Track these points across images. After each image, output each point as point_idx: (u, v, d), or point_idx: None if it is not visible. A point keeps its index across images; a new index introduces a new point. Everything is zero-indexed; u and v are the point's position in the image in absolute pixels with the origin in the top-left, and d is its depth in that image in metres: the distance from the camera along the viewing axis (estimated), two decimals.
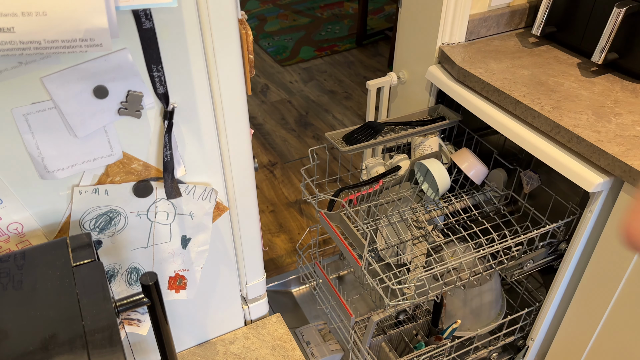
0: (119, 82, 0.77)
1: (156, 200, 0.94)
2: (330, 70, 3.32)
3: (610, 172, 1.03)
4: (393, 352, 1.48)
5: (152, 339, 0.84)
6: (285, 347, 1.24)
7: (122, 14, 0.72)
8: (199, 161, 0.95)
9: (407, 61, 1.66)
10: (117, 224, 0.94)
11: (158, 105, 0.84)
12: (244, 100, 0.93)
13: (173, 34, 0.79)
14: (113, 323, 0.63)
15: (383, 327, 1.58)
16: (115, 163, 0.87)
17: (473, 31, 1.49)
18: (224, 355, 1.23)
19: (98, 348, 0.61)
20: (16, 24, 0.60)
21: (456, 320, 1.46)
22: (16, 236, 0.87)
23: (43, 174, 0.82)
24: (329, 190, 1.49)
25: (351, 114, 2.92)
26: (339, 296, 1.40)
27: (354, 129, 1.41)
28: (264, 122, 2.88)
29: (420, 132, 1.44)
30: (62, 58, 0.72)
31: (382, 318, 1.26)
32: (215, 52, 0.84)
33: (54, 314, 0.65)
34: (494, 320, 1.51)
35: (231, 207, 1.07)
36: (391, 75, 1.72)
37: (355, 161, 2.47)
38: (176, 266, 1.04)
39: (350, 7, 4.06)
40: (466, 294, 1.46)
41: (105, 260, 0.98)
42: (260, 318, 1.31)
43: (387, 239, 1.52)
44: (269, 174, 2.52)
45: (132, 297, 0.74)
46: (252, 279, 1.23)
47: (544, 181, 1.37)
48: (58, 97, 0.75)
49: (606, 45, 1.23)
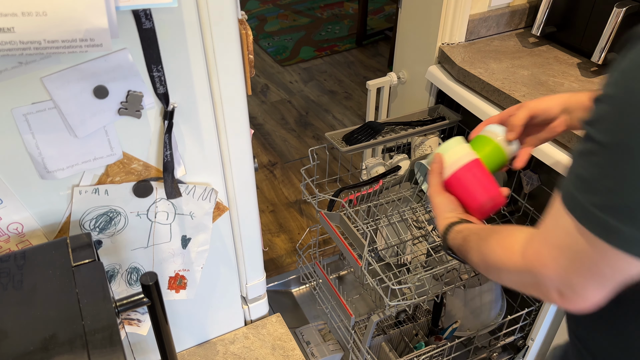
0: (119, 82, 0.77)
1: (156, 200, 0.94)
2: (330, 70, 3.32)
3: None
4: (393, 352, 1.48)
5: (152, 339, 0.84)
6: (285, 347, 1.24)
7: (122, 14, 0.72)
8: (199, 161, 0.95)
9: (407, 61, 1.66)
10: (117, 224, 0.94)
11: (158, 105, 0.84)
12: (244, 100, 0.93)
13: (173, 34, 0.79)
14: (113, 323, 0.63)
15: (383, 327, 1.58)
16: (115, 163, 0.87)
17: (473, 31, 1.49)
18: (224, 355, 1.23)
19: (98, 348, 0.61)
20: (16, 24, 0.60)
21: (456, 320, 1.46)
22: (16, 236, 0.87)
23: (43, 174, 0.82)
24: (329, 190, 1.49)
25: (351, 114, 2.92)
26: (339, 296, 1.40)
27: (354, 129, 1.41)
28: (264, 122, 2.88)
29: (420, 132, 1.44)
30: (62, 58, 0.72)
31: (382, 318, 1.26)
32: (215, 52, 0.84)
33: (54, 314, 0.65)
34: (494, 320, 1.51)
35: (231, 207, 1.07)
36: (391, 75, 1.72)
37: (355, 161, 2.47)
38: (176, 266, 1.04)
39: (350, 7, 4.06)
40: (466, 294, 1.46)
41: (105, 260, 0.98)
42: (260, 318, 1.31)
43: (387, 239, 1.52)
44: (269, 174, 2.52)
45: (132, 297, 0.74)
46: (252, 279, 1.23)
47: (544, 181, 1.37)
48: (58, 97, 0.75)
49: (606, 45, 1.23)
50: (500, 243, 0.70)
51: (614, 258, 0.55)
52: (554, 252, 0.60)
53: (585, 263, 0.57)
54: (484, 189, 0.85)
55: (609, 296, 0.59)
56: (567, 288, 0.60)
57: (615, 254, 0.54)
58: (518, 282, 0.67)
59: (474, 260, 0.76)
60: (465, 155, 0.87)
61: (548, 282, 0.61)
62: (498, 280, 0.73)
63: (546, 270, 0.61)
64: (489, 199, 0.84)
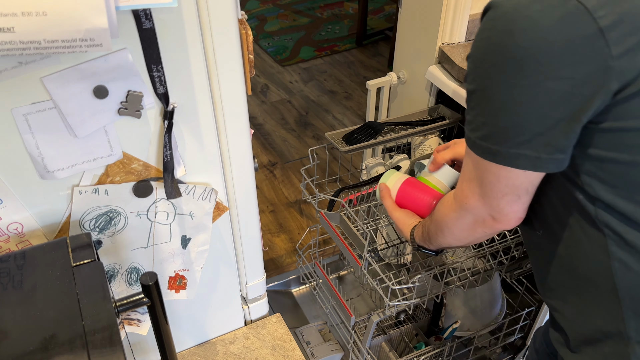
0: (118, 82, 0.77)
1: (156, 200, 0.94)
2: (330, 70, 3.32)
3: None
4: (393, 352, 1.48)
5: (152, 339, 0.84)
6: (285, 347, 1.24)
7: (122, 14, 0.72)
8: (199, 161, 0.95)
9: (407, 61, 1.66)
10: (117, 224, 0.94)
11: (158, 105, 0.84)
12: (244, 100, 0.93)
13: (173, 34, 0.79)
14: (113, 323, 0.63)
15: (383, 327, 1.58)
16: (115, 163, 0.87)
17: (473, 31, 1.49)
18: (224, 355, 1.23)
19: (98, 348, 0.61)
20: (16, 24, 0.60)
21: (456, 320, 1.46)
22: (16, 236, 0.87)
23: (43, 174, 0.82)
24: (329, 190, 1.49)
25: (351, 114, 2.92)
26: (339, 296, 1.40)
27: (354, 129, 1.41)
28: (264, 122, 2.88)
29: (420, 132, 1.44)
30: (62, 58, 0.72)
31: (382, 318, 1.26)
32: (215, 52, 0.84)
33: (54, 314, 0.65)
34: (494, 320, 1.51)
35: (231, 207, 1.07)
36: (391, 75, 1.72)
37: (355, 161, 2.47)
38: (176, 266, 1.04)
39: (350, 7, 4.06)
40: (466, 294, 1.46)
41: (105, 260, 0.98)
42: (260, 318, 1.31)
43: (387, 239, 1.52)
44: (269, 174, 2.52)
45: (132, 297, 0.74)
46: (252, 279, 1.23)
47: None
48: (58, 97, 0.75)
49: None
50: (442, 202, 0.88)
51: (503, 173, 0.70)
52: (470, 185, 0.76)
53: (488, 184, 0.73)
54: (425, 193, 1.05)
55: (525, 207, 0.75)
56: (493, 211, 0.76)
57: (501, 169, 0.70)
58: (464, 226, 0.82)
59: (434, 233, 0.92)
60: (401, 177, 1.11)
61: (478, 211, 0.77)
62: (452, 237, 0.88)
63: (470, 200, 0.77)
64: (433, 198, 1.04)
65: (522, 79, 0.63)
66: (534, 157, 0.67)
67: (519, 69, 0.63)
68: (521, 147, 0.66)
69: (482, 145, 0.70)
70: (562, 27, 0.60)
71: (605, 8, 0.60)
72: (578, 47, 0.60)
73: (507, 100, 0.65)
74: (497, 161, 0.69)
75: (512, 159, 0.68)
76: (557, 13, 0.61)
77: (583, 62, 0.61)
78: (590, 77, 0.61)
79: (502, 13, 0.64)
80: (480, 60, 0.68)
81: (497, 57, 0.65)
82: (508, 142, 0.67)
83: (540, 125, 0.65)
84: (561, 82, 0.62)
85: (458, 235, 0.86)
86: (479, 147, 0.71)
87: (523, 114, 0.65)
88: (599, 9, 0.60)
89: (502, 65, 0.64)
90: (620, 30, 0.60)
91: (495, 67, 0.65)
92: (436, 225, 0.90)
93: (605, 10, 0.60)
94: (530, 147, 0.66)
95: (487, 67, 0.66)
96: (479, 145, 0.71)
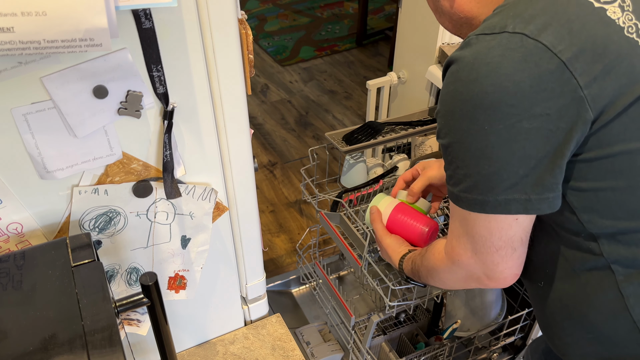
0: (118, 82, 0.77)
1: (156, 200, 0.94)
2: (330, 70, 3.32)
3: None
4: (393, 352, 1.48)
5: (152, 339, 0.84)
6: (285, 347, 1.24)
7: (122, 14, 0.72)
8: (199, 161, 0.95)
9: (407, 61, 1.66)
10: (117, 224, 0.94)
11: (158, 105, 0.84)
12: (244, 100, 0.93)
13: (173, 34, 0.78)
14: (113, 323, 0.63)
15: (383, 327, 1.58)
16: (115, 163, 0.87)
17: None
18: (224, 355, 1.23)
19: (98, 348, 0.60)
20: (16, 23, 0.59)
21: (456, 320, 1.46)
22: (16, 236, 0.87)
23: (43, 174, 0.82)
24: (328, 190, 1.49)
25: (351, 114, 2.92)
26: (339, 296, 1.40)
27: (354, 129, 1.41)
28: (264, 122, 2.88)
29: (420, 132, 1.44)
30: (62, 58, 0.72)
31: (382, 318, 1.26)
32: (215, 52, 0.84)
33: (54, 314, 0.65)
34: (494, 320, 1.51)
35: (231, 207, 1.07)
36: (391, 75, 1.72)
37: None
38: (176, 266, 1.04)
39: (350, 7, 4.06)
40: (466, 294, 1.46)
41: (105, 260, 0.98)
42: (260, 318, 1.31)
43: None
44: (269, 174, 2.52)
45: (132, 297, 0.74)
46: (252, 279, 1.23)
47: None
48: (58, 97, 0.75)
49: None
50: (432, 252, 0.84)
51: (494, 224, 0.67)
52: (460, 241, 0.73)
53: (479, 239, 0.70)
54: (417, 219, 1.03)
55: (521, 261, 0.72)
56: (487, 269, 0.72)
57: (492, 221, 0.67)
58: (456, 279, 0.79)
59: (424, 276, 0.89)
60: (393, 201, 1.08)
61: (471, 268, 0.74)
62: (444, 285, 0.87)
63: (462, 257, 0.74)
64: (425, 225, 1.02)
65: (496, 124, 0.62)
66: (523, 200, 0.65)
67: (491, 115, 0.62)
68: (509, 191, 0.64)
69: (467, 198, 0.68)
70: (525, 66, 0.60)
71: (563, 42, 0.60)
72: (546, 83, 0.60)
73: (485, 146, 0.64)
74: (487, 211, 0.66)
75: (502, 205, 0.65)
76: (518, 55, 0.61)
77: (553, 96, 0.60)
78: (565, 110, 0.61)
79: (464, 64, 0.64)
80: (450, 113, 0.67)
81: (467, 106, 0.64)
82: (495, 188, 0.65)
83: (524, 167, 0.63)
84: (536, 120, 0.61)
85: (450, 285, 0.85)
86: (464, 201, 0.68)
87: (504, 158, 0.63)
88: (557, 44, 0.60)
89: (473, 113, 0.63)
90: (582, 60, 0.60)
91: (467, 117, 0.64)
92: (427, 271, 0.87)
93: (564, 45, 0.60)
94: (518, 190, 0.64)
95: (458, 119, 0.65)
96: (464, 199, 0.68)
